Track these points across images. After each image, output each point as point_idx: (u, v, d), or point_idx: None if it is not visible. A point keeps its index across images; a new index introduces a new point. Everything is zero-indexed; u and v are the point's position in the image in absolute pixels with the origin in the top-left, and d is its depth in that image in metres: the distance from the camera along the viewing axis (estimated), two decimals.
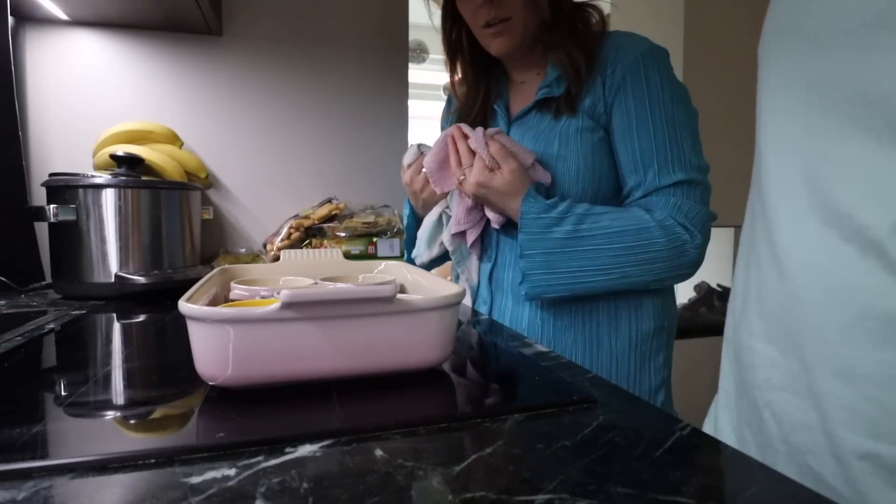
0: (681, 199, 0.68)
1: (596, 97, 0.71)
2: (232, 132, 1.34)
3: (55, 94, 1.20)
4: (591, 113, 0.71)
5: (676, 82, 0.71)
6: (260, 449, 0.31)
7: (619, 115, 0.70)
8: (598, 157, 0.71)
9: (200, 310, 0.37)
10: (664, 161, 0.68)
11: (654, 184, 0.68)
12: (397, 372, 0.43)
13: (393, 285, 0.39)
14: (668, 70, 0.71)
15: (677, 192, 0.68)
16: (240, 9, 1.32)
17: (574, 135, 0.71)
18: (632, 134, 0.69)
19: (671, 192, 0.68)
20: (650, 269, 0.67)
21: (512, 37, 0.72)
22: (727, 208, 1.76)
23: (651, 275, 0.67)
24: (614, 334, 0.72)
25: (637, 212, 0.68)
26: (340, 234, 1.28)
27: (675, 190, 0.68)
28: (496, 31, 0.72)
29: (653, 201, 0.68)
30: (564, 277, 0.67)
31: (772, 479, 0.29)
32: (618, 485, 0.28)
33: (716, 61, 1.67)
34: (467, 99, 0.83)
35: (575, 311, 0.72)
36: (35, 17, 1.16)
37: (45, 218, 0.84)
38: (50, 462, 0.29)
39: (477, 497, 0.26)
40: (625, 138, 0.70)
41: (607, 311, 0.72)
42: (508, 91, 0.82)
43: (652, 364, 0.74)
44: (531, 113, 0.76)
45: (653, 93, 0.69)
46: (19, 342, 0.57)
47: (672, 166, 0.68)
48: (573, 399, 0.39)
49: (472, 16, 0.74)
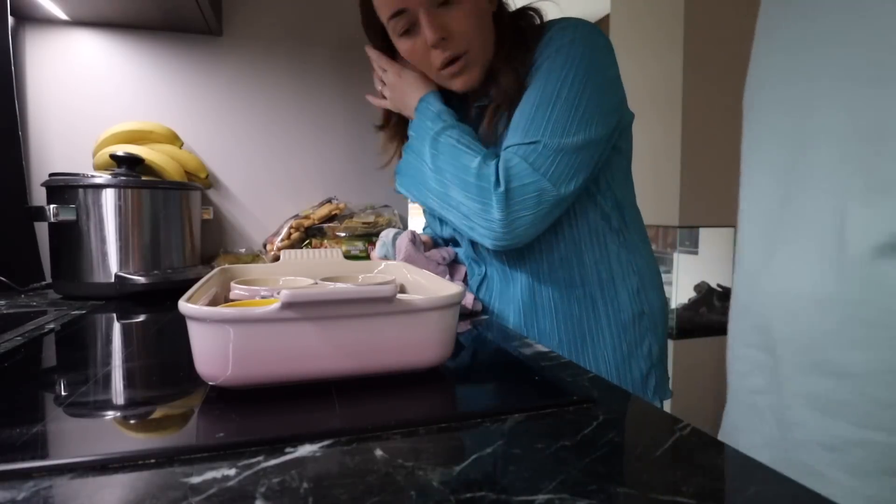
0: (513, 154, 0.64)
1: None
2: (232, 132, 1.34)
3: (55, 94, 1.20)
4: None
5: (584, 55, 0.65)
6: (260, 449, 0.31)
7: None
8: None
9: (200, 310, 0.37)
10: (526, 122, 0.65)
11: (510, 141, 0.66)
12: (397, 372, 0.43)
13: (393, 285, 0.39)
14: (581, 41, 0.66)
15: (518, 149, 0.64)
16: (240, 9, 1.32)
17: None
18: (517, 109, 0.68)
19: (515, 148, 0.64)
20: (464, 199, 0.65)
21: (474, 71, 0.70)
22: (727, 208, 1.77)
23: (464, 205, 0.66)
24: (595, 327, 0.73)
25: (482, 149, 0.66)
26: (340, 234, 1.28)
27: (518, 147, 0.64)
28: (457, 70, 0.69)
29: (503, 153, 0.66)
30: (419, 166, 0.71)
31: (772, 479, 0.29)
32: (618, 485, 0.28)
33: (716, 61, 1.67)
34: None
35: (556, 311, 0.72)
36: (35, 17, 1.16)
37: (45, 218, 0.84)
38: (50, 462, 0.29)
39: (477, 497, 0.26)
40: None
41: (585, 305, 0.73)
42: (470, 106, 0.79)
43: (638, 351, 0.74)
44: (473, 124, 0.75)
45: (547, 60, 0.66)
46: (19, 342, 0.57)
47: (530, 127, 0.64)
48: (573, 399, 0.39)
49: (424, 63, 0.70)
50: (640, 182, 2.07)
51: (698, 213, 1.70)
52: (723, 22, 1.68)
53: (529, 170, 0.63)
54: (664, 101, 1.71)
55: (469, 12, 0.66)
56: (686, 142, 1.65)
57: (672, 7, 1.67)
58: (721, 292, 2.05)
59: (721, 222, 1.78)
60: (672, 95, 1.68)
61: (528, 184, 0.62)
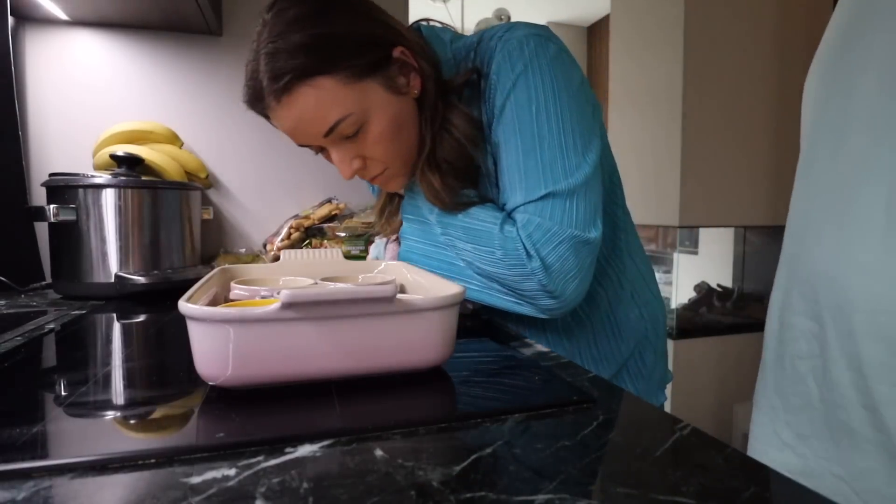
0: (531, 214, 0.59)
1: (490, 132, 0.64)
2: (232, 132, 1.34)
3: (55, 94, 1.20)
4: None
5: (542, 75, 0.59)
6: (260, 449, 0.31)
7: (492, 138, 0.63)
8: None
9: (200, 310, 0.37)
10: (519, 177, 0.60)
11: (513, 203, 0.61)
12: (397, 372, 0.43)
13: (393, 285, 0.39)
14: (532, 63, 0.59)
15: (529, 208, 0.59)
16: (240, 9, 1.32)
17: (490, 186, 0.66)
18: (497, 153, 0.63)
19: (524, 209, 0.60)
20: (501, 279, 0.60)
21: (399, 178, 0.66)
22: (727, 208, 1.77)
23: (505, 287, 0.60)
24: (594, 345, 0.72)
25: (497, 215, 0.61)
26: (340, 234, 1.28)
27: (528, 206, 0.59)
28: (381, 182, 0.66)
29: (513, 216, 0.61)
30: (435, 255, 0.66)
31: (772, 479, 0.29)
32: (618, 485, 0.28)
33: (716, 61, 1.67)
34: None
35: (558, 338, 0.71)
36: (35, 17, 1.16)
37: (45, 218, 0.84)
38: (50, 462, 0.29)
39: (477, 497, 0.26)
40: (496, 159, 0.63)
41: (585, 337, 0.72)
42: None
43: (637, 357, 0.74)
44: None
45: (508, 101, 0.60)
46: (19, 342, 0.57)
47: (526, 181, 0.60)
48: (573, 399, 0.39)
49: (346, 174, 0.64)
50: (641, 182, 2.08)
51: (698, 213, 1.70)
52: (723, 22, 1.68)
53: (556, 227, 0.58)
54: (664, 101, 1.71)
55: (382, 131, 0.59)
56: (686, 142, 1.65)
57: (672, 7, 1.67)
58: (721, 292, 2.05)
59: (721, 222, 1.78)
60: (672, 95, 1.68)
61: (560, 243, 0.57)
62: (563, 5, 4.02)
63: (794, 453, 0.56)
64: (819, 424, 0.53)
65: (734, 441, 1.73)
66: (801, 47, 1.78)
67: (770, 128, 1.75)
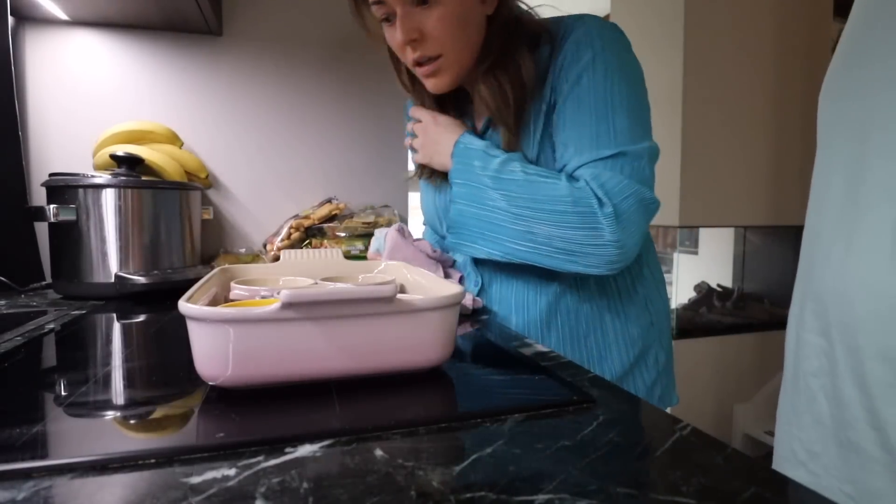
0: (601, 169, 0.61)
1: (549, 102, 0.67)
2: (232, 132, 1.34)
3: (55, 94, 1.20)
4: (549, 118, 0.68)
5: (616, 58, 0.65)
6: (260, 449, 0.31)
7: (558, 104, 0.66)
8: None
9: (200, 310, 0.37)
10: (589, 137, 0.63)
11: (578, 160, 0.63)
12: (397, 372, 0.43)
13: (393, 285, 0.39)
14: (605, 45, 0.64)
15: (598, 165, 0.62)
16: (240, 9, 1.32)
17: (537, 145, 0.68)
18: (562, 114, 0.65)
19: (593, 165, 0.62)
20: (558, 232, 0.61)
21: (447, 75, 0.67)
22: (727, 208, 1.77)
23: (560, 241, 0.62)
24: (602, 342, 0.72)
25: (558, 174, 0.64)
26: (340, 234, 1.28)
27: (597, 163, 0.62)
28: (428, 72, 0.67)
29: (577, 173, 0.64)
30: (482, 215, 0.66)
31: (772, 479, 0.29)
32: (618, 485, 0.28)
33: (716, 61, 1.67)
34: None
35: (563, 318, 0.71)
36: (35, 17, 1.16)
37: (45, 218, 0.84)
38: (50, 462, 0.29)
39: (477, 497, 0.26)
40: (557, 120, 0.66)
41: (592, 318, 0.71)
42: (474, 107, 0.78)
43: (644, 362, 0.73)
44: (489, 131, 0.74)
45: (584, 71, 0.64)
46: (19, 342, 0.57)
47: (597, 142, 0.62)
48: (573, 399, 0.39)
49: (401, 54, 0.69)
50: None
51: (698, 213, 1.70)
52: (723, 21, 1.68)
53: (627, 181, 0.60)
54: (664, 101, 1.71)
55: (448, 15, 0.63)
56: (686, 142, 1.65)
57: (672, 7, 1.67)
58: (721, 292, 2.05)
59: (721, 222, 1.78)
60: (672, 95, 1.68)
61: (630, 195, 0.60)
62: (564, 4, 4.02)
63: (806, 470, 0.56)
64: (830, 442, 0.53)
65: (734, 441, 1.73)
66: (801, 47, 1.78)
67: (770, 128, 1.75)
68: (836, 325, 0.52)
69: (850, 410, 0.50)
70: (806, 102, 1.78)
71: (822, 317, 0.54)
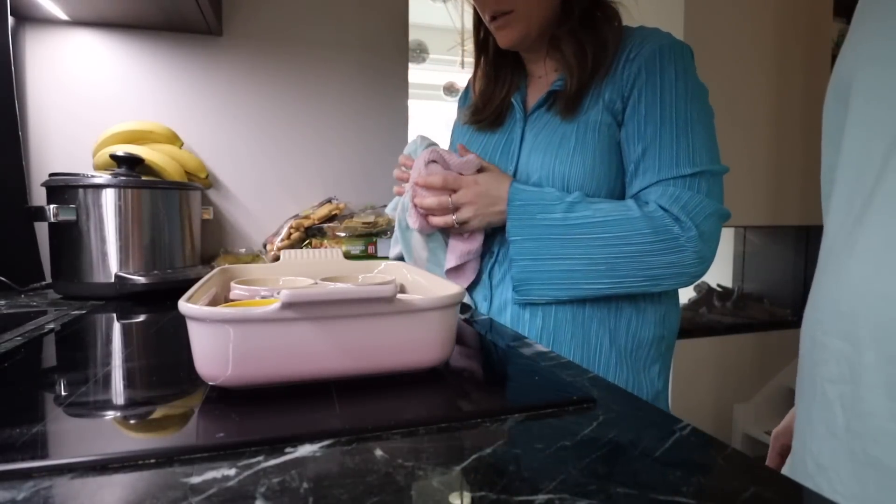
0: (680, 189, 0.64)
1: (615, 92, 0.70)
2: (232, 132, 1.34)
3: (55, 94, 1.20)
4: (611, 108, 0.70)
5: (694, 79, 0.69)
6: (260, 449, 0.31)
7: (630, 108, 0.69)
8: (615, 153, 0.70)
9: (200, 310, 0.37)
10: (668, 154, 0.65)
11: (655, 177, 0.66)
12: (397, 372, 0.43)
13: (393, 285, 0.39)
14: (686, 65, 0.69)
15: (677, 184, 0.64)
16: (240, 9, 1.32)
17: (591, 130, 0.70)
18: (639, 126, 0.68)
19: (671, 183, 0.65)
20: (640, 264, 0.64)
21: (516, 29, 0.72)
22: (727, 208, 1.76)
23: (642, 271, 0.64)
24: (611, 337, 0.71)
25: (627, 203, 0.66)
26: (340, 234, 1.28)
27: (675, 181, 0.65)
28: (500, 24, 0.73)
29: (650, 192, 0.66)
30: (552, 266, 0.66)
31: (772, 479, 0.29)
32: (618, 485, 0.28)
33: (716, 60, 1.67)
34: (483, 95, 0.83)
35: (576, 310, 0.71)
36: (35, 17, 1.16)
37: (45, 218, 0.84)
38: (50, 462, 0.29)
39: (477, 497, 0.26)
40: (631, 131, 0.68)
41: (607, 313, 0.71)
42: (527, 87, 0.81)
43: (646, 374, 0.73)
44: (543, 108, 0.75)
45: (665, 86, 0.67)
46: (19, 342, 0.57)
47: (676, 160, 0.65)
48: (573, 399, 0.39)
49: (480, 9, 0.75)
50: None
51: None
52: (723, 21, 1.68)
53: (707, 200, 0.64)
54: None
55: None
56: None
57: (672, 7, 1.67)
58: (721, 292, 2.05)
59: None
60: None
61: (711, 214, 0.64)
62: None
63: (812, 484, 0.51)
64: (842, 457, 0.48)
65: (734, 441, 1.73)
66: (801, 47, 1.78)
67: (770, 128, 1.75)
68: (869, 329, 0.46)
69: (873, 422, 0.45)
70: (806, 102, 1.78)
71: (848, 318, 0.49)
